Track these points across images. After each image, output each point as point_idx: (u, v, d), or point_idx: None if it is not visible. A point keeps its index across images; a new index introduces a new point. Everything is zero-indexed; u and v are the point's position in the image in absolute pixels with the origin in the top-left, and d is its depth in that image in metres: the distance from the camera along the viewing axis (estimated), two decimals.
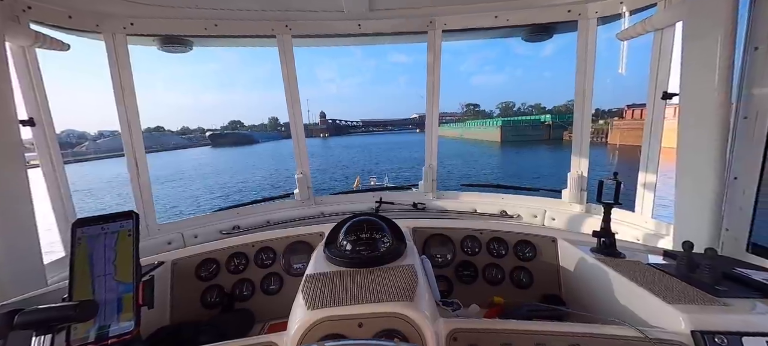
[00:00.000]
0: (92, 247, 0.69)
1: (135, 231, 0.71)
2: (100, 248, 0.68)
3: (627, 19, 2.18)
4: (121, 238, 0.70)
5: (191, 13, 2.32)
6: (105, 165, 46.93)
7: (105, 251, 0.68)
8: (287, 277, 1.29)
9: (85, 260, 0.68)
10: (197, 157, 54.78)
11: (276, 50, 2.72)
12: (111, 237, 0.70)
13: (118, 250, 0.69)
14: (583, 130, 2.61)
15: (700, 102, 1.64)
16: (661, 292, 0.80)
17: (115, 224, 0.71)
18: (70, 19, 2.06)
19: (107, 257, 0.68)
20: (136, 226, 0.72)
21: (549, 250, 1.27)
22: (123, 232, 0.70)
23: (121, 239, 0.70)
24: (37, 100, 1.97)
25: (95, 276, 0.67)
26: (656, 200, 2.26)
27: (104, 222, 0.71)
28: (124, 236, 0.70)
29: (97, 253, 0.68)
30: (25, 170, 1.72)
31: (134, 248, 0.70)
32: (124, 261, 0.69)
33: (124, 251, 0.69)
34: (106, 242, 0.69)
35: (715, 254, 0.99)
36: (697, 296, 0.78)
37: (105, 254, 0.68)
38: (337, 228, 0.98)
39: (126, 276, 0.68)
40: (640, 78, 2.17)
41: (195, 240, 2.68)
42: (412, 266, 0.83)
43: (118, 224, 0.71)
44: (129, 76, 2.36)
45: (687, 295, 0.78)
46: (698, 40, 1.63)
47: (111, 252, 0.68)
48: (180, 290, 1.19)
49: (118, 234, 0.70)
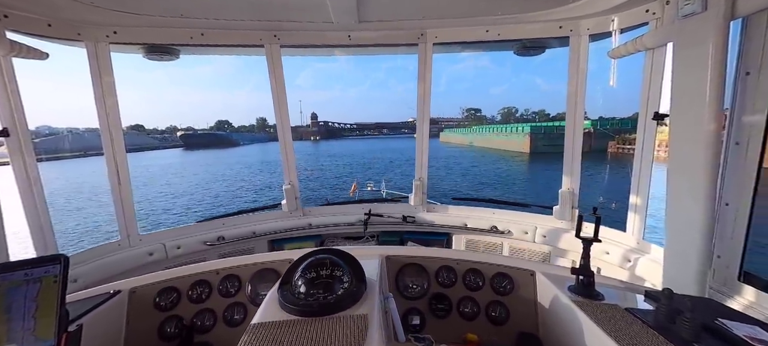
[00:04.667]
0: (12, 298, 0.63)
1: (62, 277, 0.65)
2: (20, 299, 0.62)
3: (617, 36, 2.13)
4: (45, 285, 0.64)
5: (176, 22, 2.28)
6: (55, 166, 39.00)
7: (25, 302, 0.62)
8: (251, 307, 1.23)
9: (3, 311, 0.62)
10: (151, 163, 43.10)
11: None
12: (33, 286, 0.64)
13: (40, 300, 0.63)
14: (575, 145, 2.56)
15: (691, 126, 1.59)
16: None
17: (40, 269, 0.65)
18: (50, 28, 2.02)
19: (27, 308, 0.62)
20: (65, 271, 0.66)
21: (527, 284, 1.21)
22: (48, 278, 0.65)
23: (45, 287, 0.64)
24: (12, 110, 1.92)
25: (12, 331, 0.61)
26: (648, 220, 2.21)
27: (29, 267, 0.65)
28: (50, 283, 0.65)
29: (16, 304, 0.62)
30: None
31: (60, 296, 0.64)
32: (47, 313, 0.63)
33: (48, 301, 0.63)
34: (27, 291, 0.63)
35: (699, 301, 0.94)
36: None
37: (25, 305, 0.62)
38: (295, 265, 0.93)
39: (47, 331, 0.62)
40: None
41: (177, 252, 2.63)
42: (365, 317, 0.77)
43: (43, 269, 0.65)
44: (111, 84, 2.32)
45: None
46: (688, 62, 1.58)
47: (31, 303, 0.63)
48: (136, 322, 1.13)
49: (43, 281, 0.64)
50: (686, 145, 1.61)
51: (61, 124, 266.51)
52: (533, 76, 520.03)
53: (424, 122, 2.91)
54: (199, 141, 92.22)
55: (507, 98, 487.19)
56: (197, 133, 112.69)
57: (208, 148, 78.99)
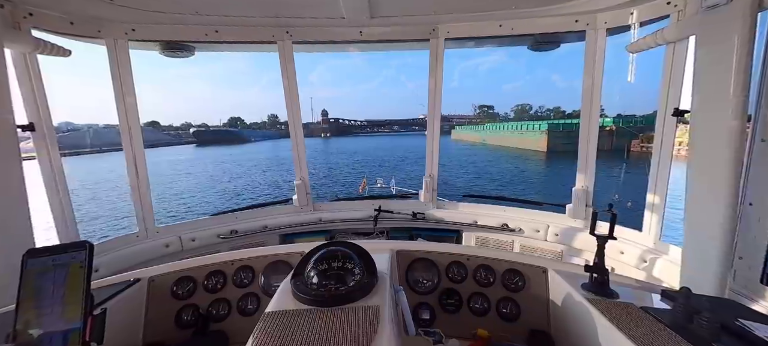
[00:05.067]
0: (40, 281, 0.66)
1: (87, 263, 0.68)
2: (49, 283, 0.66)
3: (637, 30, 2.07)
4: (72, 271, 0.67)
5: (192, 19, 2.33)
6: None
7: (53, 287, 0.66)
8: (264, 297, 1.26)
9: (32, 294, 0.65)
10: (160, 160, 42.22)
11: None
12: (61, 270, 0.67)
13: (67, 285, 0.66)
14: (590, 143, 2.50)
15: (713, 122, 1.54)
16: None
17: (66, 256, 0.68)
18: (72, 26, 2.09)
19: (55, 292, 0.65)
20: (89, 257, 0.69)
21: (539, 281, 1.20)
22: (74, 264, 0.68)
23: (71, 273, 0.67)
24: (37, 105, 2.00)
25: (41, 313, 0.64)
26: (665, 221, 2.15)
27: (55, 253, 0.68)
28: (76, 269, 0.68)
29: (45, 288, 0.65)
30: (22, 178, 1.75)
31: (86, 281, 0.67)
32: (73, 296, 0.66)
33: (74, 286, 0.66)
34: (55, 276, 0.67)
35: (718, 301, 0.91)
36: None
37: (53, 289, 0.65)
38: (307, 257, 0.94)
39: (74, 313, 0.65)
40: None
41: (192, 244, 2.70)
42: (377, 308, 0.78)
43: (69, 255, 0.68)
44: (130, 81, 2.39)
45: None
46: (712, 56, 1.52)
47: (60, 288, 0.66)
48: (155, 309, 1.17)
49: (69, 267, 0.67)
50: (708, 143, 1.56)
51: (82, 121, 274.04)
52: (549, 72, 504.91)
53: (435, 119, 2.90)
54: (211, 137, 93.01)
55: (521, 95, 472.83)
56: (209, 130, 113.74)
57: (220, 145, 79.19)
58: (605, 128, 38.89)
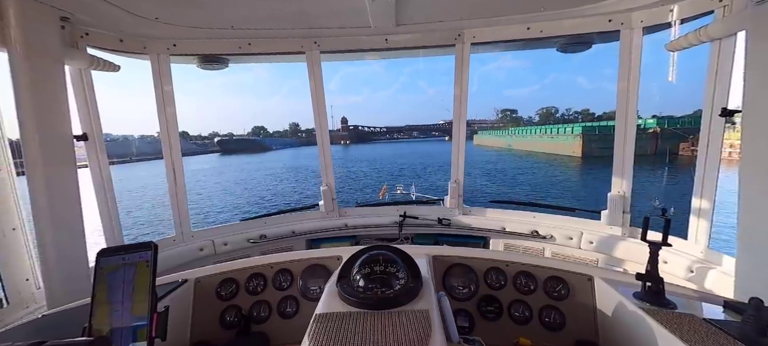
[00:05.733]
0: (112, 278, 0.71)
1: (153, 262, 0.73)
2: (119, 280, 0.71)
3: (677, 27, 1.98)
4: (139, 269, 0.72)
5: (227, 33, 2.45)
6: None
7: (124, 284, 0.71)
8: (303, 301, 1.29)
9: (105, 291, 0.71)
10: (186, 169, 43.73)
11: (303, 63, 2.80)
12: (130, 269, 0.72)
13: (136, 282, 0.71)
14: (626, 147, 2.39)
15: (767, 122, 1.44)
16: None
17: (135, 255, 0.73)
18: (121, 43, 2.25)
19: (125, 289, 0.70)
20: (155, 257, 0.74)
21: (584, 289, 1.15)
22: (142, 263, 0.73)
23: (139, 271, 0.72)
24: (90, 117, 2.16)
25: (113, 309, 0.69)
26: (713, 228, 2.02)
27: (125, 252, 0.74)
28: (143, 267, 0.73)
29: (116, 285, 0.71)
30: (77, 182, 1.89)
31: (151, 279, 0.72)
32: (141, 293, 0.71)
33: (142, 283, 0.71)
34: (125, 273, 0.72)
35: None
36: None
37: (123, 286, 0.70)
38: (351, 260, 0.95)
39: (141, 308, 0.70)
40: None
41: (225, 248, 2.79)
42: (427, 313, 0.78)
43: (137, 255, 0.73)
44: (170, 92, 2.53)
45: None
46: (765, 53, 1.43)
47: (129, 285, 0.71)
48: (201, 309, 1.22)
49: (137, 266, 0.72)
50: (761, 145, 1.46)
51: (118, 132, 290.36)
52: (574, 75, 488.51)
53: (460, 124, 2.87)
54: (234, 146, 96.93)
55: (543, 98, 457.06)
56: (233, 139, 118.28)
57: (243, 153, 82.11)
58: (648, 130, 37.12)
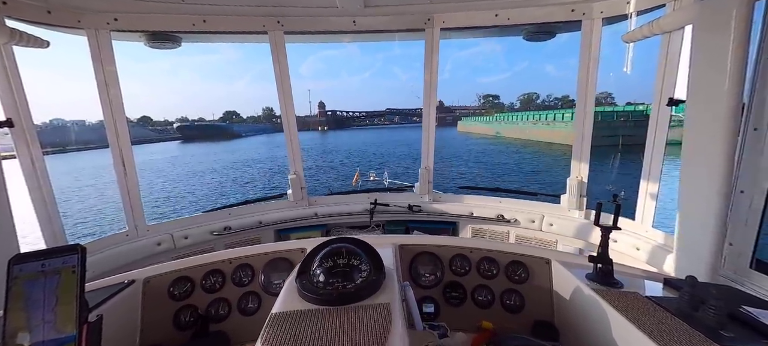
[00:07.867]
0: (29, 290, 0.61)
1: (80, 267, 0.64)
2: (39, 291, 0.61)
3: (633, 20, 2.07)
4: (64, 276, 0.63)
5: (178, 8, 2.23)
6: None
7: (44, 295, 0.61)
8: (265, 296, 1.23)
9: (21, 304, 0.60)
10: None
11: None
12: (52, 278, 0.62)
13: (60, 292, 0.62)
14: (584, 133, 2.52)
15: (708, 110, 1.55)
16: (660, 337, 0.73)
17: (57, 260, 0.64)
18: (50, 15, 1.97)
19: (47, 301, 0.61)
20: (82, 261, 0.65)
21: (543, 272, 1.20)
22: (66, 269, 0.63)
23: (63, 279, 0.62)
24: (15, 100, 1.89)
25: (32, 324, 0.59)
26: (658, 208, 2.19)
27: (45, 258, 0.64)
28: (68, 274, 0.63)
29: (34, 297, 0.60)
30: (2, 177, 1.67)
31: (79, 287, 0.63)
32: (66, 306, 0.61)
33: (67, 293, 0.62)
34: (46, 283, 0.62)
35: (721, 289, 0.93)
36: (699, 343, 0.71)
37: (44, 298, 0.61)
38: (312, 254, 0.91)
39: (67, 324, 0.60)
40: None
41: (185, 242, 2.63)
42: (388, 306, 0.76)
43: (60, 260, 0.64)
44: (114, 73, 2.28)
45: (689, 341, 0.72)
46: (708, 44, 1.53)
47: (51, 295, 0.61)
48: (151, 311, 1.13)
49: (61, 273, 0.63)
50: (702, 132, 1.58)
51: (70, 117, 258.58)
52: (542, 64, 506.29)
53: (430, 110, 2.87)
54: (196, 133, 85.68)
55: (518, 85, 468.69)
56: (194, 125, 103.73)
57: (208, 140, 73.54)
58: (644, 116, 32.63)
